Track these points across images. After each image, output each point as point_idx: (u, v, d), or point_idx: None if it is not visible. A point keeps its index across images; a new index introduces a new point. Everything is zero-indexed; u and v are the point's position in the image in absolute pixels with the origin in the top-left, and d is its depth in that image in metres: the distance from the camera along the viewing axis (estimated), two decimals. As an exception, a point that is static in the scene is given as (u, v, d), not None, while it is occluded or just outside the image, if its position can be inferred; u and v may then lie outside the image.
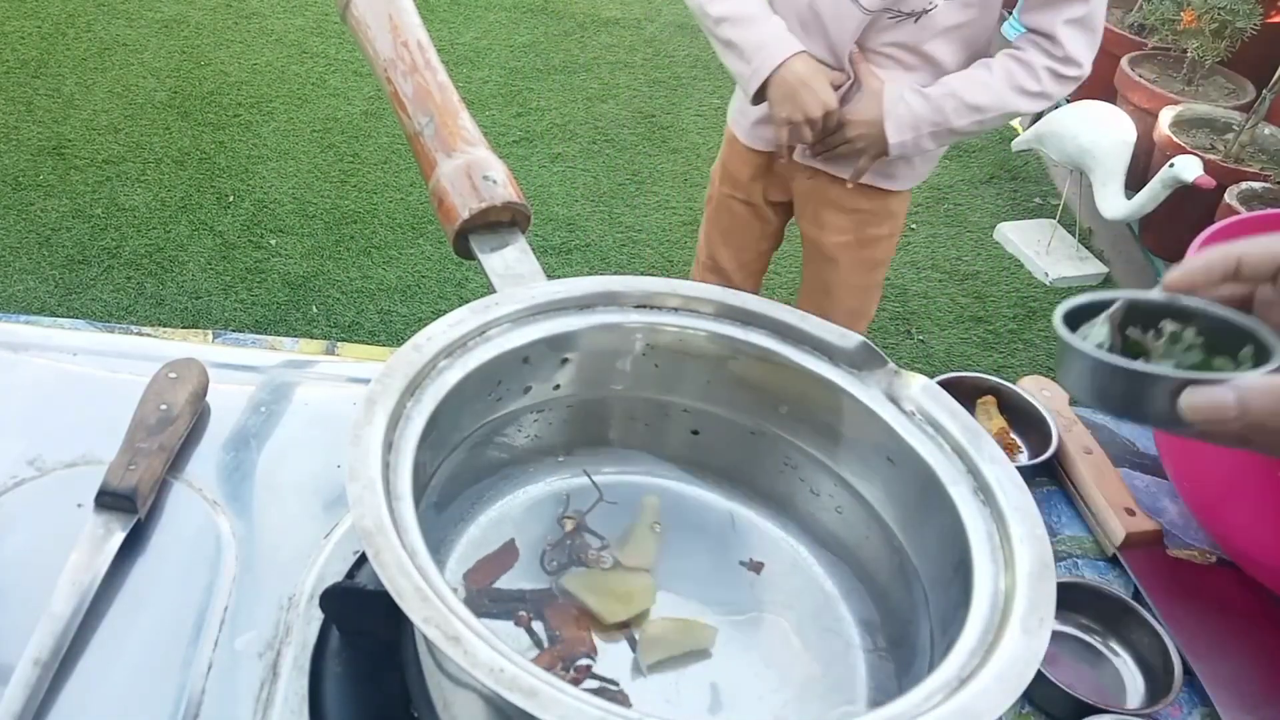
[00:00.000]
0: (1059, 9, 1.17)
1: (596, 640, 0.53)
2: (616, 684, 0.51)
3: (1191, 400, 0.39)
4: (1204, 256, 0.43)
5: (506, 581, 0.55)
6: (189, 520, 0.63)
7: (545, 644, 0.52)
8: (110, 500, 0.60)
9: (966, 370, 0.84)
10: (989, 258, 2.48)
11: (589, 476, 0.60)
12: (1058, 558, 0.72)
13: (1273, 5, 2.47)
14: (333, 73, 2.89)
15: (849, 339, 0.55)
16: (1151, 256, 2.40)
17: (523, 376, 0.55)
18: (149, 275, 2.17)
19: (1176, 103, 2.44)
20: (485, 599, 0.54)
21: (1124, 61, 2.57)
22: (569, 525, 0.57)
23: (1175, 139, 2.32)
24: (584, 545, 0.57)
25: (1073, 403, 0.83)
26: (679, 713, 0.51)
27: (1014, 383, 0.83)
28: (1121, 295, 0.45)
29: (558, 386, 0.57)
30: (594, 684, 0.51)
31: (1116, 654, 0.66)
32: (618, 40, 3.22)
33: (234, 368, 0.75)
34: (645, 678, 0.52)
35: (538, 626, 0.53)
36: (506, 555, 0.56)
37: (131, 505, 0.60)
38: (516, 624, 0.52)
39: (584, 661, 0.52)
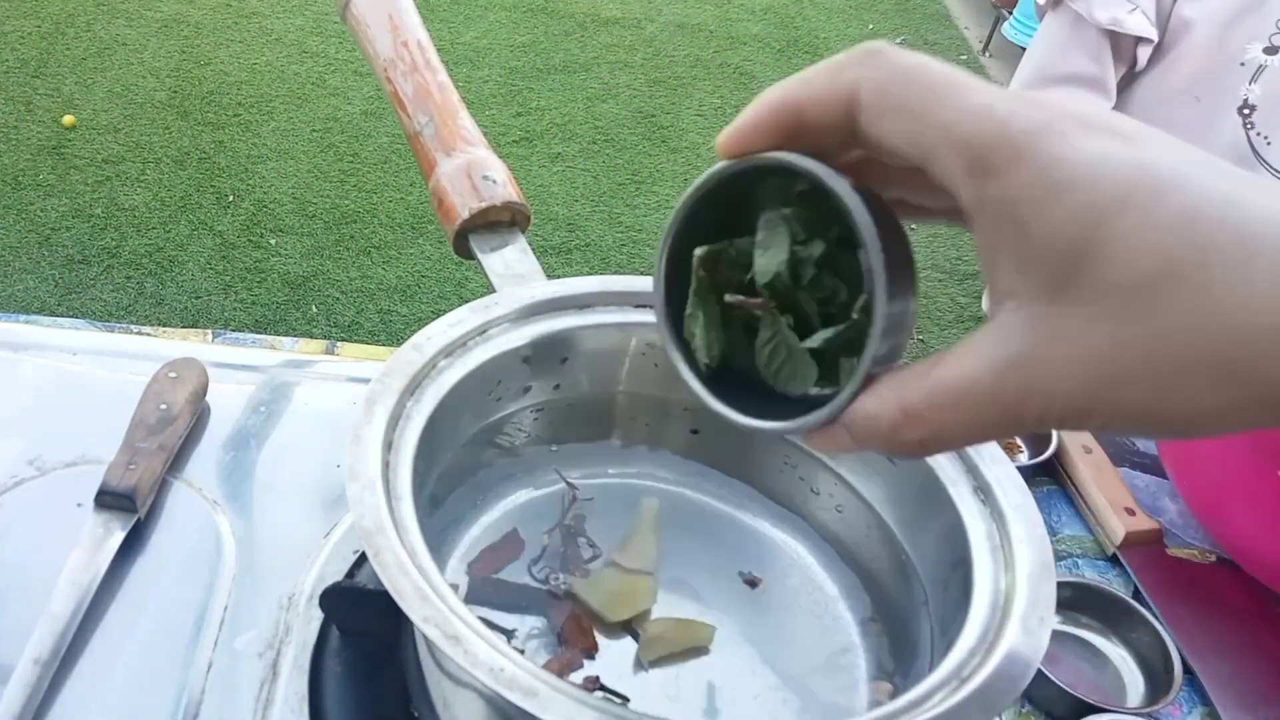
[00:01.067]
0: None
1: (599, 638, 0.53)
2: (626, 699, 0.51)
3: (816, 444, 0.33)
4: (757, 109, 0.31)
5: (510, 574, 0.55)
6: (189, 520, 0.63)
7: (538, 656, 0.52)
8: (110, 500, 0.60)
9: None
10: (989, 257, 2.48)
11: (562, 477, 0.59)
12: (1058, 557, 0.72)
13: (1273, 5, 2.47)
14: (333, 73, 2.89)
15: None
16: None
17: (523, 376, 0.55)
18: (149, 275, 2.17)
19: (1176, 102, 2.44)
20: (488, 588, 0.54)
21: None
22: (550, 539, 0.57)
23: (1175, 138, 2.32)
24: (576, 555, 0.57)
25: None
26: (678, 709, 0.51)
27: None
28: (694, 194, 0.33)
29: (558, 386, 0.57)
30: (600, 693, 0.51)
31: (1117, 653, 0.66)
32: (618, 40, 3.22)
33: (234, 367, 0.75)
34: (646, 674, 0.52)
35: (538, 624, 0.53)
36: (511, 546, 0.56)
37: (131, 505, 0.60)
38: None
39: (591, 673, 0.52)
